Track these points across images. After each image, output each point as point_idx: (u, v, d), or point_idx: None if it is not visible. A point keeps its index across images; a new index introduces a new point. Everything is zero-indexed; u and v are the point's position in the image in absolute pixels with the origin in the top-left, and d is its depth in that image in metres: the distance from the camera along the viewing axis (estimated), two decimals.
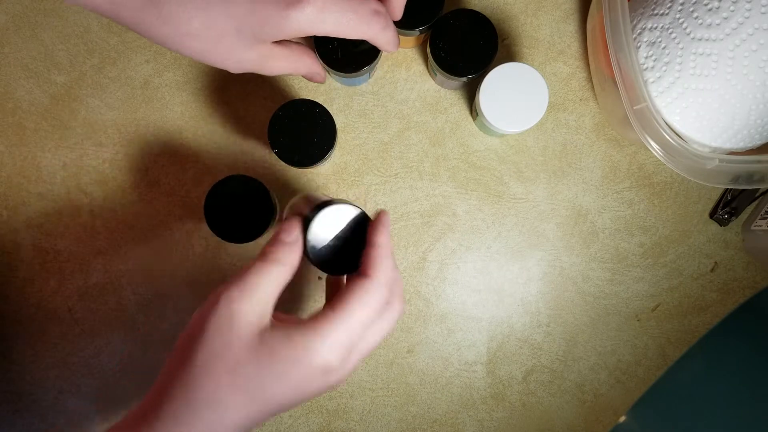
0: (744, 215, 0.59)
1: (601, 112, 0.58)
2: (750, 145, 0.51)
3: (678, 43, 0.48)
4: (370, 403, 0.60)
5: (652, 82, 0.49)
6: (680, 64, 0.48)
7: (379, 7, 0.42)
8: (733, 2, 0.46)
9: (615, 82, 0.48)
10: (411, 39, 0.54)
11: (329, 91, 0.58)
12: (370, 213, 0.39)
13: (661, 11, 0.49)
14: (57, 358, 0.58)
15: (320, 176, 0.58)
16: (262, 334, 0.34)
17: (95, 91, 0.57)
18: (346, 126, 0.58)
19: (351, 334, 0.35)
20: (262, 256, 0.36)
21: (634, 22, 0.50)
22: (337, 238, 0.39)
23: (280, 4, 0.39)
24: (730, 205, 0.58)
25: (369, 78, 0.57)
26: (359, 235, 0.38)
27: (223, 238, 0.52)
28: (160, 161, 0.58)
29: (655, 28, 0.49)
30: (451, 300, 0.59)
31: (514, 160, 0.58)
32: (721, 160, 0.47)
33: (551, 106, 0.58)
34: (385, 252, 0.37)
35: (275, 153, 0.53)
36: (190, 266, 0.58)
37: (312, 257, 0.38)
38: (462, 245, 0.59)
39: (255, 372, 0.33)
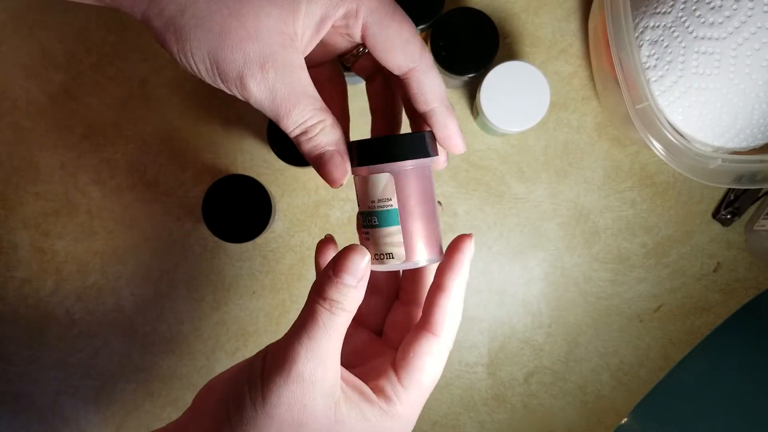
0: (747, 215, 0.58)
1: (603, 112, 0.58)
2: (753, 144, 0.50)
3: (680, 42, 0.48)
4: None
5: (655, 81, 0.49)
6: (682, 62, 0.48)
7: None
8: (735, 0, 0.46)
9: (617, 81, 0.48)
10: None
11: None
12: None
13: (664, 9, 0.49)
14: (55, 359, 0.58)
15: (319, 176, 0.58)
16: (337, 410, 0.29)
17: (93, 90, 0.57)
18: None
19: (421, 405, 0.32)
20: (326, 303, 0.28)
21: (636, 21, 0.50)
22: None
23: None
24: (732, 205, 0.58)
25: None
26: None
27: (221, 238, 0.52)
28: (159, 161, 0.57)
29: (658, 26, 0.49)
30: None
31: (515, 159, 0.58)
32: (723, 160, 0.46)
33: (553, 106, 0.58)
34: (459, 303, 0.32)
35: (274, 152, 0.53)
36: (188, 267, 0.58)
37: None
38: None
39: None
